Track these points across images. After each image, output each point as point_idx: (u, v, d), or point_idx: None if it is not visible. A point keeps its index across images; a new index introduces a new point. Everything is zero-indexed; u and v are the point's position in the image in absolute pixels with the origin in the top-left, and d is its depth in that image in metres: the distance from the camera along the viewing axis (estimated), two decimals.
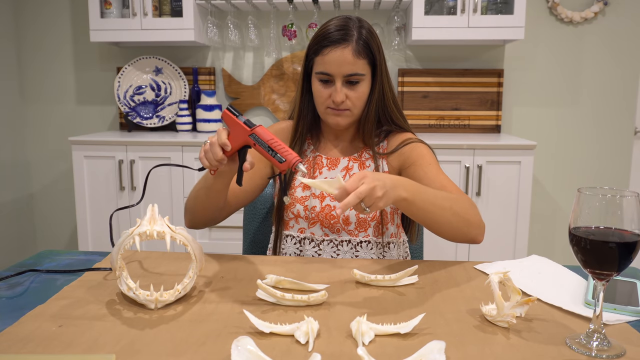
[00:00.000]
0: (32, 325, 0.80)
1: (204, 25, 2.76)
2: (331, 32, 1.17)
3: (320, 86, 1.20)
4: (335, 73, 1.17)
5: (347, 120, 1.23)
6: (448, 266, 1.09)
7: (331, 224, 1.24)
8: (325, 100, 1.21)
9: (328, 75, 1.18)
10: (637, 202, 0.71)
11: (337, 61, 1.16)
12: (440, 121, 2.86)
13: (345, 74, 1.17)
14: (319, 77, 1.20)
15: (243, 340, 0.70)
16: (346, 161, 1.28)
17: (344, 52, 1.16)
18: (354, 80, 1.18)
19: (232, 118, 1.00)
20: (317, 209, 1.25)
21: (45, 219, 3.15)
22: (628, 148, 2.87)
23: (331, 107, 1.21)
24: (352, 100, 1.20)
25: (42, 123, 3.07)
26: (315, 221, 1.25)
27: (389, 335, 0.77)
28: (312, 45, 1.21)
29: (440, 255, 2.42)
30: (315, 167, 1.29)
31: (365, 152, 1.29)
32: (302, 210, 1.25)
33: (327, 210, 1.24)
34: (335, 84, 1.18)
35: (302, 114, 1.28)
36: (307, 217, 1.26)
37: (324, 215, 1.24)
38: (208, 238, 2.54)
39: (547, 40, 2.82)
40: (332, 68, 1.17)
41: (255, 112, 2.99)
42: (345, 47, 1.16)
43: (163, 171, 2.50)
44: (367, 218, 1.24)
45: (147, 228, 0.88)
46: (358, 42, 1.16)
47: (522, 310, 0.83)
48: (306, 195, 1.26)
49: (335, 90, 1.18)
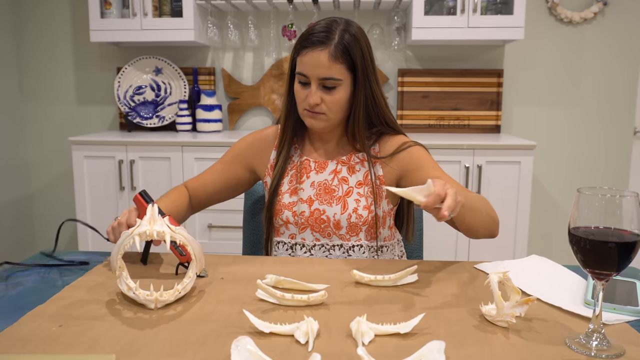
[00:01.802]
0: (32, 325, 0.80)
1: (204, 25, 2.76)
2: (314, 33, 1.16)
3: (299, 87, 1.20)
4: (310, 75, 1.16)
5: (323, 124, 1.21)
6: (448, 266, 1.09)
7: (322, 228, 1.23)
8: (302, 102, 1.20)
9: (305, 77, 1.17)
10: (636, 202, 0.71)
11: (313, 63, 1.15)
12: (440, 121, 2.86)
13: (320, 77, 1.15)
14: (298, 77, 1.19)
15: (243, 340, 0.70)
16: (334, 164, 1.26)
17: (320, 55, 1.14)
18: (329, 85, 1.16)
19: (143, 204, 1.09)
20: (307, 213, 1.23)
21: (45, 219, 3.15)
22: (628, 148, 2.87)
23: (307, 109, 1.20)
24: (327, 104, 1.18)
25: (42, 123, 3.07)
26: (305, 226, 1.24)
27: (389, 335, 0.77)
28: (296, 44, 1.20)
29: (440, 255, 2.42)
30: (303, 172, 1.26)
31: (355, 155, 1.26)
32: (290, 216, 1.24)
33: (317, 215, 1.23)
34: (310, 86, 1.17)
35: (289, 113, 1.26)
36: (297, 222, 1.24)
37: (314, 220, 1.23)
38: (208, 238, 2.54)
39: (547, 41, 2.82)
40: (307, 69, 1.16)
41: (255, 112, 2.99)
42: (322, 50, 1.14)
43: (163, 171, 2.50)
44: (358, 222, 1.22)
45: (147, 228, 0.88)
46: (337, 46, 1.14)
47: (521, 310, 0.83)
48: (294, 201, 1.24)
49: (310, 92, 1.17)
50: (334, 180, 1.25)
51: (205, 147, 2.47)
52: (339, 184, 1.24)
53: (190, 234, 1.42)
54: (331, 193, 1.24)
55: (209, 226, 2.53)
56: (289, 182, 1.27)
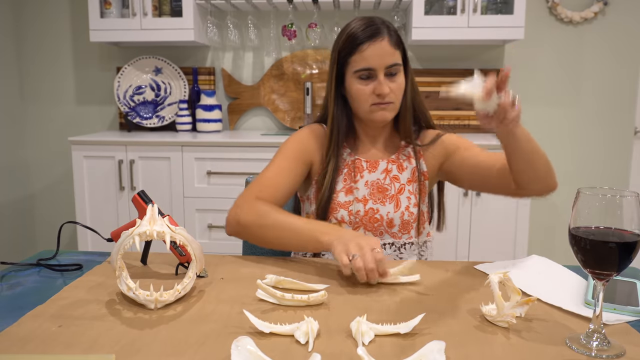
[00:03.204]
0: (32, 325, 0.80)
1: (203, 25, 2.76)
2: (362, 29, 1.19)
3: (360, 84, 1.21)
4: (377, 66, 1.18)
5: (392, 114, 1.24)
6: (448, 266, 1.09)
7: (374, 227, 1.25)
8: (368, 97, 1.21)
9: (369, 71, 1.19)
10: (637, 202, 0.71)
11: (378, 53, 1.18)
12: (440, 121, 2.86)
13: (387, 64, 1.19)
14: (359, 74, 1.20)
15: (243, 340, 0.70)
16: (385, 163, 1.29)
17: (382, 44, 1.18)
18: (394, 71, 1.20)
19: (142, 204, 1.08)
20: (361, 213, 1.25)
21: (45, 219, 3.15)
22: (628, 148, 2.87)
23: (376, 103, 1.21)
24: (394, 91, 1.21)
25: (42, 123, 3.07)
26: (359, 225, 1.25)
27: (389, 335, 0.77)
28: (342, 48, 1.21)
29: (440, 255, 2.42)
30: (356, 171, 1.28)
31: (402, 152, 1.30)
32: (346, 215, 1.25)
33: (371, 214, 1.25)
34: (376, 78, 1.19)
35: (337, 120, 1.27)
36: (352, 221, 1.25)
37: (368, 219, 1.25)
38: (208, 238, 2.54)
39: (547, 40, 2.82)
40: (374, 61, 1.18)
41: (255, 112, 2.99)
42: (383, 40, 1.18)
43: (163, 171, 2.50)
44: (410, 220, 1.25)
45: (147, 228, 0.88)
46: (391, 34, 1.20)
47: (522, 310, 0.83)
48: (349, 200, 1.25)
49: (379, 83, 1.19)
50: (386, 179, 1.27)
51: (205, 147, 2.47)
52: (391, 183, 1.27)
53: (190, 234, 1.42)
54: (384, 192, 1.26)
55: (209, 226, 2.52)
56: (343, 180, 1.27)
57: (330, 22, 2.82)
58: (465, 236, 2.45)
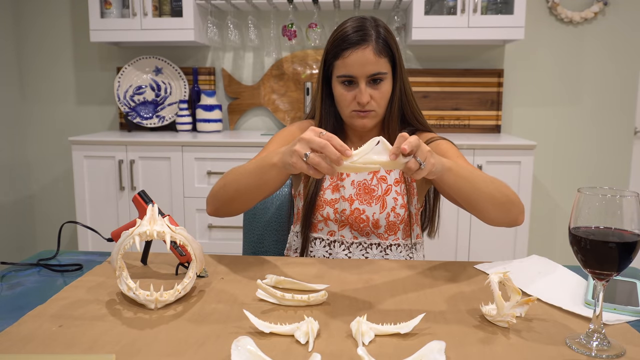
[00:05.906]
0: (32, 325, 0.80)
1: (204, 25, 2.76)
2: (349, 34, 1.17)
3: (343, 89, 1.20)
4: (358, 74, 1.17)
5: (373, 122, 1.23)
6: (448, 266, 1.09)
7: (360, 227, 1.24)
8: (349, 104, 1.20)
9: (351, 77, 1.18)
10: (637, 202, 0.71)
11: (359, 62, 1.16)
12: (440, 121, 2.86)
13: (369, 74, 1.17)
14: (341, 79, 1.19)
15: (243, 340, 0.70)
16: None
17: (365, 53, 1.15)
18: (377, 79, 1.18)
19: (142, 204, 1.07)
20: (347, 212, 1.24)
21: (45, 219, 3.15)
22: (628, 148, 2.87)
23: (356, 110, 1.20)
24: (376, 100, 1.19)
25: (42, 123, 3.07)
26: (345, 224, 1.25)
27: (389, 335, 0.77)
28: (330, 49, 1.20)
29: (440, 255, 2.42)
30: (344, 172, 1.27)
31: None
32: (332, 212, 1.24)
33: (357, 214, 1.24)
34: (358, 86, 1.18)
35: (324, 119, 1.27)
36: (337, 220, 1.25)
37: (354, 219, 1.24)
38: (208, 238, 2.54)
39: (547, 40, 2.82)
40: (354, 70, 1.16)
41: (255, 112, 2.99)
42: (366, 48, 1.15)
43: (163, 171, 2.50)
44: (396, 221, 1.23)
45: (147, 228, 0.88)
46: (377, 41, 1.16)
47: (522, 310, 0.83)
48: (336, 198, 1.25)
49: (359, 91, 1.17)
50: (373, 180, 1.26)
51: (205, 147, 2.47)
52: (378, 184, 1.25)
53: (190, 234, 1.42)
54: (371, 193, 1.25)
55: (209, 226, 2.53)
56: (330, 177, 1.26)
57: (330, 22, 2.82)
58: (465, 236, 2.45)
